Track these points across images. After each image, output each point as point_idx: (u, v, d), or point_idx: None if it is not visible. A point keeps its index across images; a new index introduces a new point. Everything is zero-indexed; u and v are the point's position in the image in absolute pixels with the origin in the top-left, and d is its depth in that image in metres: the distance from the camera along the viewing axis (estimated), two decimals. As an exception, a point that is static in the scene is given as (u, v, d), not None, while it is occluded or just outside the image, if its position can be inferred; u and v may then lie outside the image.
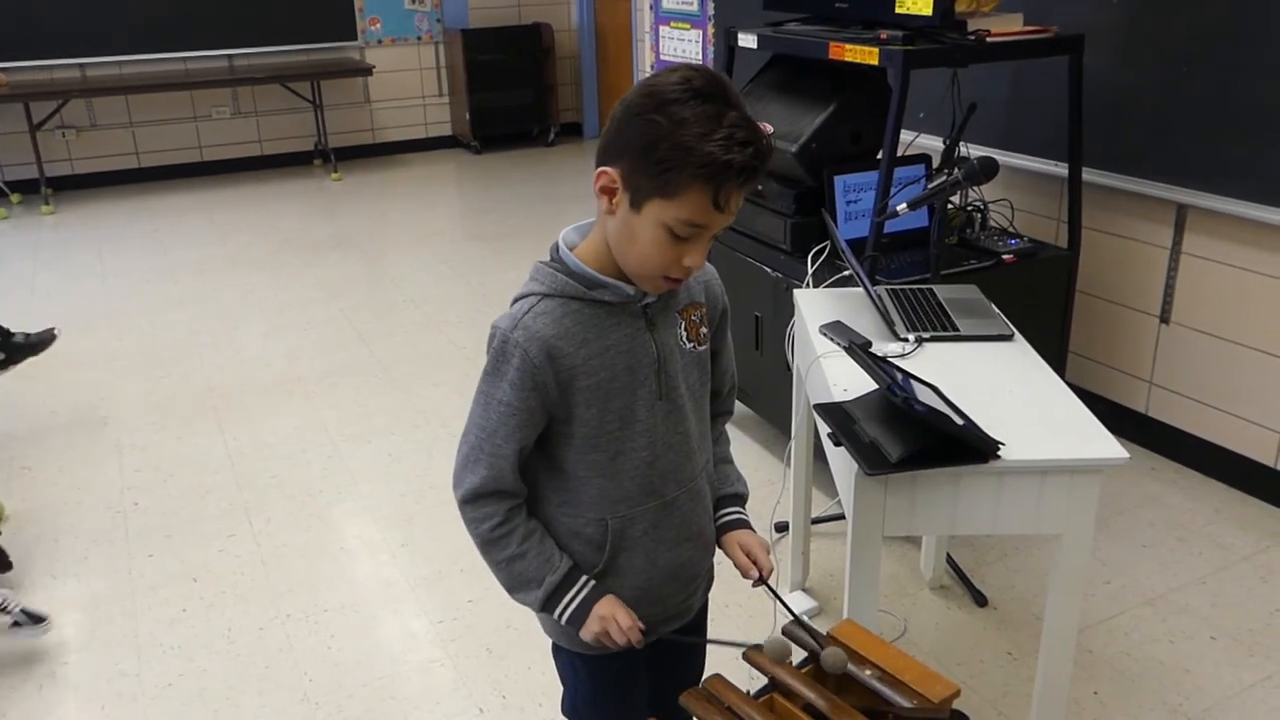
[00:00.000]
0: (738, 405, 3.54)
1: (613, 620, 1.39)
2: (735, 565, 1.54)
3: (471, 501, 1.40)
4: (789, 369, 2.68)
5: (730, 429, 1.67)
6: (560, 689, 1.65)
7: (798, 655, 1.38)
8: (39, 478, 3.40)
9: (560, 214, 6.11)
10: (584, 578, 1.43)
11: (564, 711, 1.65)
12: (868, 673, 1.31)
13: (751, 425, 3.56)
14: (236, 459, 3.50)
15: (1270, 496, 3.10)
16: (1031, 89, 3.45)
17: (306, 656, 2.55)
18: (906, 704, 1.25)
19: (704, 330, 1.47)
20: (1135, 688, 2.39)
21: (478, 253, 5.69)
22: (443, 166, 7.69)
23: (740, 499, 1.60)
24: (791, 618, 1.35)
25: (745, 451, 3.39)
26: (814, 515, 2.90)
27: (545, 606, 1.42)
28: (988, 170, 2.27)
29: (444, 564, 2.90)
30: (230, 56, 7.21)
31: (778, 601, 1.47)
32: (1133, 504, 3.12)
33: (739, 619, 2.61)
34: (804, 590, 2.72)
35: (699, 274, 1.45)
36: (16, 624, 2.57)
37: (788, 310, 2.67)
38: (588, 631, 1.41)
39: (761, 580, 1.50)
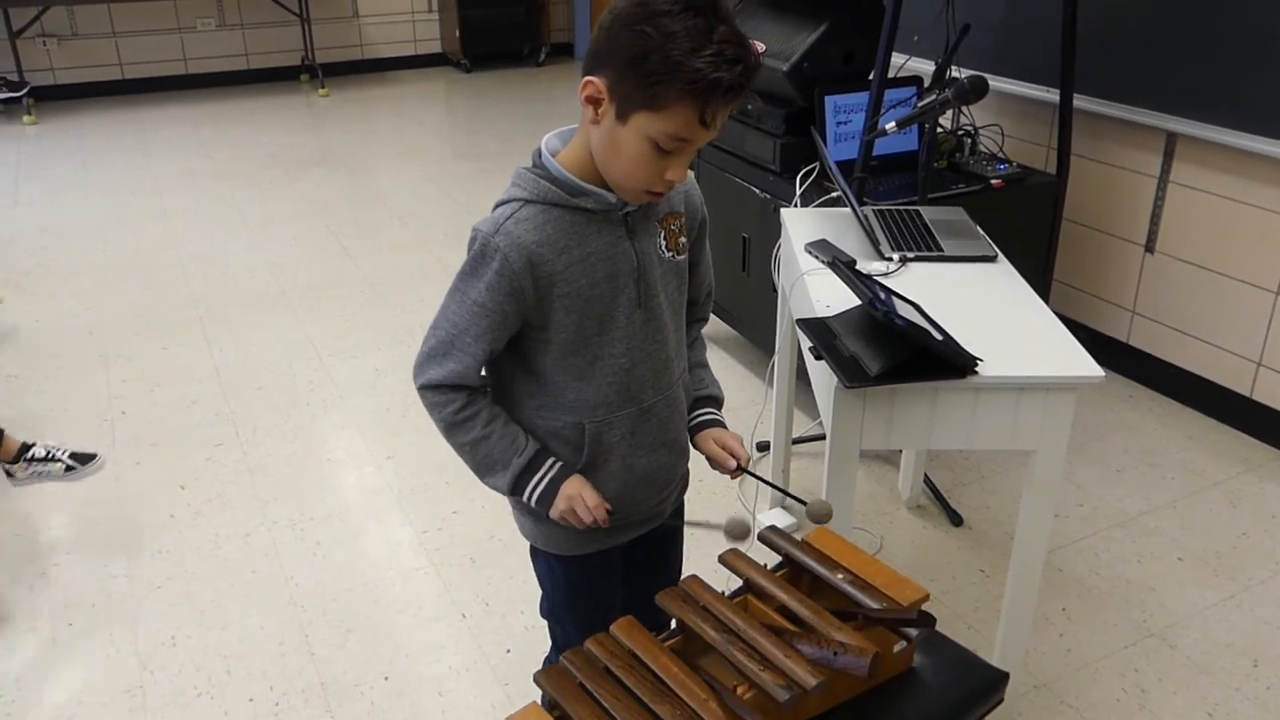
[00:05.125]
0: (723, 326, 3.59)
1: (579, 499, 1.42)
2: (712, 459, 1.55)
3: (433, 389, 1.41)
4: (775, 290, 2.69)
5: (714, 350, 1.68)
6: (540, 593, 1.68)
7: (773, 559, 1.42)
8: (25, 385, 3.41)
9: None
10: (551, 459, 1.45)
11: (542, 614, 1.69)
12: (839, 577, 1.34)
13: (735, 347, 3.57)
14: (223, 370, 3.51)
15: (1244, 425, 3.15)
16: (1025, 12, 3.41)
17: (292, 562, 2.59)
18: (876, 606, 1.29)
19: (683, 240, 1.48)
20: (1102, 604, 2.45)
21: (465, 171, 5.64)
22: (431, 84, 7.57)
23: (715, 401, 1.62)
24: (781, 494, 1.38)
25: (729, 372, 3.40)
26: (795, 435, 2.94)
27: (514, 489, 1.44)
28: (977, 89, 2.25)
29: (429, 476, 2.93)
30: (214, -35, 7.05)
31: (760, 483, 1.49)
32: (1108, 430, 3.17)
33: (716, 530, 2.65)
34: (783, 508, 2.77)
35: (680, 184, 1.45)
36: (70, 468, 2.65)
37: (775, 231, 2.67)
38: (555, 510, 1.43)
39: (741, 469, 1.53)
